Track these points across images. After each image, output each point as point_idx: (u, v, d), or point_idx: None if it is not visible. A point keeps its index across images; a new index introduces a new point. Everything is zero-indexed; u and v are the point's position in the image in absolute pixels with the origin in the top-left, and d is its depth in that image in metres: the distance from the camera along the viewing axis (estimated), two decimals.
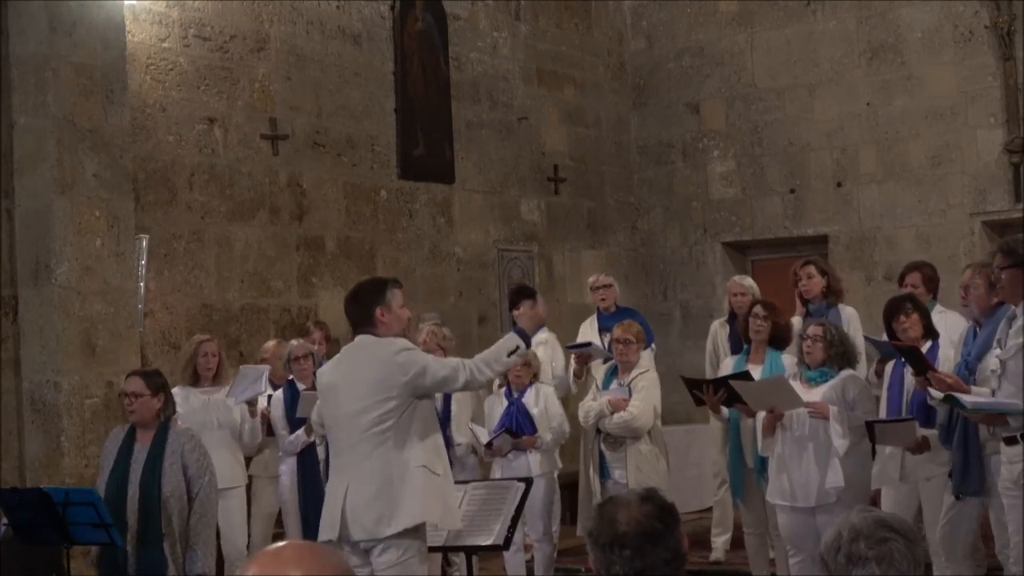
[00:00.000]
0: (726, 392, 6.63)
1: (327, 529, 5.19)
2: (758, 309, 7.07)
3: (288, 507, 7.34)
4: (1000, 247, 5.69)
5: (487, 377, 5.35)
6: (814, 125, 11.43)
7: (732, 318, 8.20)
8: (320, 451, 7.30)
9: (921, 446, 6.17)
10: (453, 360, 5.28)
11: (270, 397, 7.57)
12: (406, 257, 10.10)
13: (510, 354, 5.27)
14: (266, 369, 7.31)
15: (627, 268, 12.09)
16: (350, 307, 5.39)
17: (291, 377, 7.47)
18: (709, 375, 8.03)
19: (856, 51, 11.24)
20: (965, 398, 5.59)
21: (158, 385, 5.75)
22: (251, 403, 7.29)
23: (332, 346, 8.36)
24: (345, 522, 5.10)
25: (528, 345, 5.41)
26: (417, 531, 5.12)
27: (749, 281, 8.48)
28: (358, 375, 5.19)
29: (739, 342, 7.81)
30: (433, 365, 5.18)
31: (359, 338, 5.31)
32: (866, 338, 7.19)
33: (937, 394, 5.83)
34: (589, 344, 8.27)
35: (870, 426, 6.08)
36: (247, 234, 8.92)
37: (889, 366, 6.59)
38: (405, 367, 5.11)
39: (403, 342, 5.24)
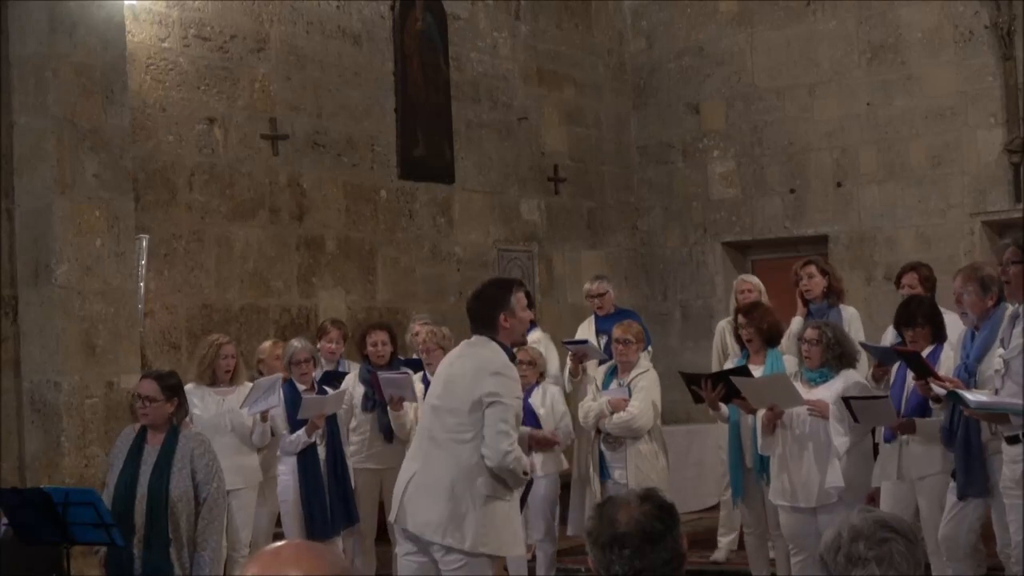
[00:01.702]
0: (724, 388, 6.62)
1: (390, 511, 5.26)
2: (740, 318, 7.08)
3: (289, 507, 7.33)
4: (1016, 241, 5.67)
5: (512, 473, 5.07)
6: (814, 125, 11.43)
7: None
8: (321, 451, 7.30)
9: (904, 427, 6.18)
10: (516, 435, 5.08)
11: None
12: (406, 257, 10.10)
13: (525, 473, 5.17)
14: (278, 379, 7.29)
15: (627, 268, 12.09)
16: (474, 309, 5.31)
17: (288, 377, 7.47)
18: None
19: (856, 51, 11.24)
20: (968, 396, 5.59)
21: (172, 389, 5.71)
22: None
23: (350, 346, 8.37)
24: (402, 508, 5.09)
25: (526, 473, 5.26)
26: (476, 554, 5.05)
27: (755, 279, 8.48)
28: (458, 376, 5.17)
29: None
30: (508, 412, 5.02)
31: (476, 338, 5.24)
32: (861, 344, 7.18)
33: (940, 390, 5.83)
34: (585, 342, 8.27)
35: (847, 403, 6.08)
36: (247, 234, 8.92)
37: (894, 367, 6.59)
38: (489, 388, 5.01)
39: (504, 364, 5.11)
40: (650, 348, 8.62)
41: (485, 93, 10.92)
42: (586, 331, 8.65)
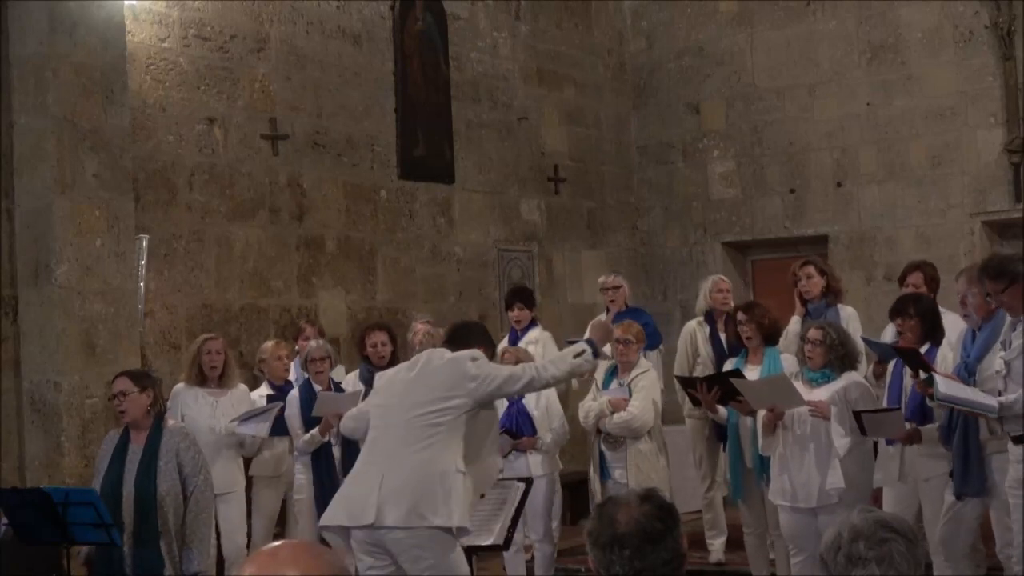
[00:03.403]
0: (721, 390, 6.61)
1: (353, 515, 5.13)
2: (740, 315, 7.06)
3: (303, 506, 7.33)
4: (986, 272, 5.64)
5: (551, 375, 5.38)
6: (814, 125, 11.43)
7: (709, 317, 8.20)
8: (336, 451, 7.30)
9: (912, 437, 6.17)
10: (518, 366, 5.43)
11: (269, 396, 7.59)
12: (406, 257, 10.10)
13: (576, 356, 5.36)
14: (275, 409, 7.27)
15: (627, 268, 12.07)
16: (456, 332, 5.62)
17: (307, 376, 7.48)
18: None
19: (856, 51, 11.24)
20: (940, 383, 5.59)
21: (145, 383, 5.76)
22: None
23: (344, 345, 8.36)
24: (379, 509, 5.05)
25: (596, 354, 5.50)
26: (451, 533, 5.09)
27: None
28: (429, 374, 5.32)
29: (720, 342, 7.84)
30: (500, 369, 5.38)
31: (442, 348, 5.51)
32: (863, 339, 7.19)
33: (940, 393, 5.82)
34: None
35: (858, 416, 6.07)
36: (247, 234, 8.91)
37: (891, 365, 6.59)
38: (474, 370, 5.24)
39: (478, 351, 5.38)
40: (662, 347, 8.62)
41: (485, 93, 10.92)
42: None
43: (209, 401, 7.21)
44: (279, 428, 7.42)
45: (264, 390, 7.69)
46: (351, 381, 7.75)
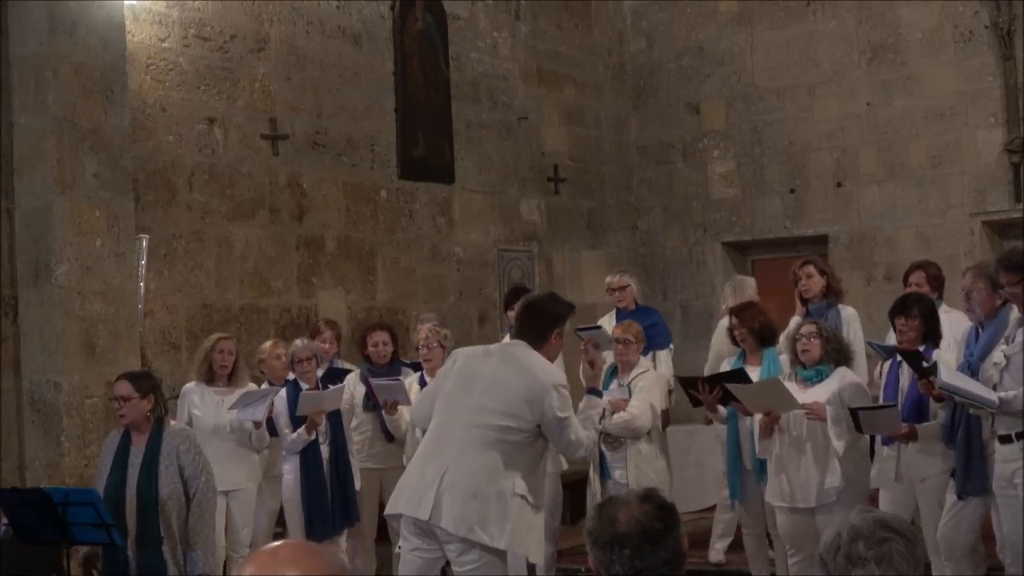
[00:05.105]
0: (721, 390, 6.61)
1: (410, 505, 5.02)
2: (732, 320, 7.08)
3: (291, 506, 7.33)
4: (1002, 264, 5.66)
5: (590, 437, 5.34)
6: (814, 125, 11.43)
7: None
8: (324, 450, 7.29)
9: (908, 435, 6.17)
10: (584, 433, 5.20)
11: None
12: (406, 257, 10.10)
13: (600, 418, 5.59)
14: (271, 393, 7.26)
15: (627, 268, 12.06)
16: (526, 318, 5.32)
17: (293, 377, 7.47)
18: None
19: (856, 51, 11.24)
20: (943, 371, 5.63)
21: (147, 387, 5.74)
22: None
23: (344, 345, 8.36)
24: (437, 505, 4.95)
25: (600, 395, 5.65)
26: (502, 556, 5.02)
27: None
28: (508, 378, 5.12)
29: None
30: (574, 425, 5.14)
31: (517, 342, 5.27)
32: (868, 343, 7.17)
33: (942, 381, 5.84)
34: (599, 327, 8.23)
35: (854, 413, 6.07)
36: (247, 234, 8.91)
37: (886, 365, 6.59)
38: (556, 406, 5.06)
39: (563, 378, 5.22)
40: (672, 346, 8.61)
41: (485, 93, 10.92)
42: (606, 326, 8.62)
43: (216, 400, 7.22)
44: (273, 428, 7.42)
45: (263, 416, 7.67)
46: (351, 380, 7.76)
